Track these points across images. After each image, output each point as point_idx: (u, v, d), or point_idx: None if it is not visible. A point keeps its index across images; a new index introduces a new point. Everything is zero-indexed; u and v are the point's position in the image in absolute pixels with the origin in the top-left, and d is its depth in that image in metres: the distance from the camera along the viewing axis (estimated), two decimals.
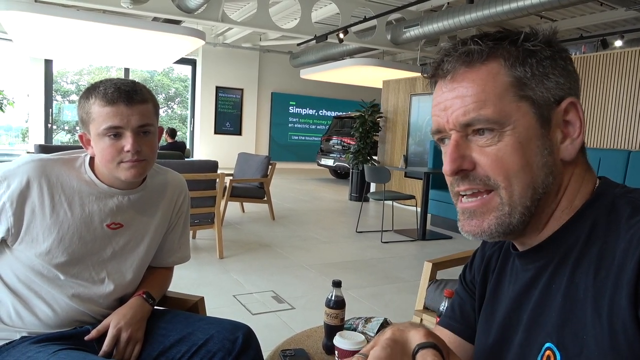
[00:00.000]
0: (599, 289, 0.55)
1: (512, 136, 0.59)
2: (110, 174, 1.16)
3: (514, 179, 0.60)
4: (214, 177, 3.90)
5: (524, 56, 0.60)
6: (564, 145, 0.62)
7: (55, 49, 8.98)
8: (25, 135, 14.26)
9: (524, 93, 0.59)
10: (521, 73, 0.59)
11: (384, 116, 7.81)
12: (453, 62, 0.61)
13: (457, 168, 0.61)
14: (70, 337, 1.16)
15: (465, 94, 0.60)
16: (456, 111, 0.61)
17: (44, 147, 5.22)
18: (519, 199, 0.60)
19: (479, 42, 0.60)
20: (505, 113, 0.59)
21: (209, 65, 12.41)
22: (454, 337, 0.82)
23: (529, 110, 0.60)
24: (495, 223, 0.62)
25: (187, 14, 7.27)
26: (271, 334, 2.47)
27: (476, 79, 0.60)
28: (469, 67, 0.61)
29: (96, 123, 1.11)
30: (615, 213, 0.59)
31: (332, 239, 4.97)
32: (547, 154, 0.61)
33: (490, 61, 0.60)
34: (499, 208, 0.61)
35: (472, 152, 0.61)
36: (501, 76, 0.60)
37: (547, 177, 0.61)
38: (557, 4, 5.51)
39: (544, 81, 0.60)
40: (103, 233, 1.19)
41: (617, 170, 4.21)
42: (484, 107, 0.59)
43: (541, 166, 0.60)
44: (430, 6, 7.82)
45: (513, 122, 0.59)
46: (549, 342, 0.60)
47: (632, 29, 8.05)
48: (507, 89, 0.59)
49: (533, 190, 0.60)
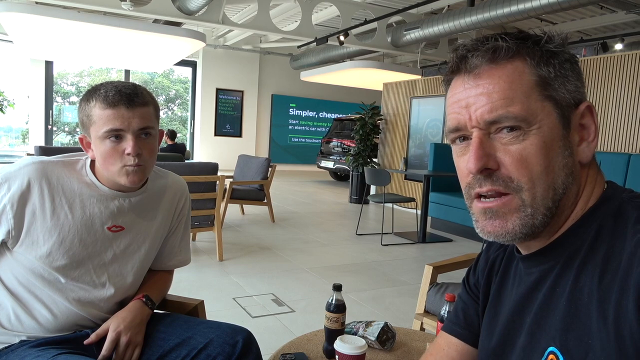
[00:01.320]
0: (604, 293, 0.55)
1: (538, 135, 0.58)
2: (110, 177, 1.16)
3: (538, 181, 0.59)
4: (214, 179, 3.90)
5: (547, 56, 0.60)
6: (581, 148, 0.62)
7: (55, 50, 8.98)
8: (25, 137, 14.26)
9: (548, 93, 0.59)
10: (545, 73, 0.59)
11: (384, 118, 7.81)
12: (479, 57, 0.60)
13: (483, 166, 0.59)
14: (70, 341, 1.15)
15: (492, 91, 0.59)
16: (481, 108, 0.59)
17: (44, 149, 5.21)
18: (541, 201, 0.59)
19: (506, 39, 0.60)
20: (532, 111, 0.58)
21: (210, 67, 12.42)
22: (459, 343, 0.81)
23: (552, 110, 0.60)
24: (519, 224, 0.60)
25: (188, 16, 7.28)
26: (271, 338, 2.46)
27: (502, 76, 0.59)
28: (495, 63, 0.60)
29: (97, 126, 1.10)
30: (622, 217, 0.58)
31: (332, 241, 4.96)
32: (567, 154, 0.60)
33: (516, 59, 0.60)
34: (521, 209, 0.60)
35: (496, 152, 0.60)
36: (527, 75, 0.59)
37: (567, 178, 0.61)
38: (557, 7, 5.52)
39: (565, 83, 0.60)
40: (104, 236, 1.19)
41: (617, 174, 4.20)
42: (512, 104, 0.58)
43: (562, 167, 0.60)
44: (431, 9, 7.83)
45: (539, 122, 0.59)
46: (552, 346, 0.59)
47: (632, 32, 8.06)
48: (533, 87, 0.59)
49: (554, 191, 0.60)
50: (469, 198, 0.64)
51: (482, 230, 0.63)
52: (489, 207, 0.61)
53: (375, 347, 1.32)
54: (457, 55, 0.62)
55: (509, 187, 0.59)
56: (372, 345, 1.31)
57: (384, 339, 1.32)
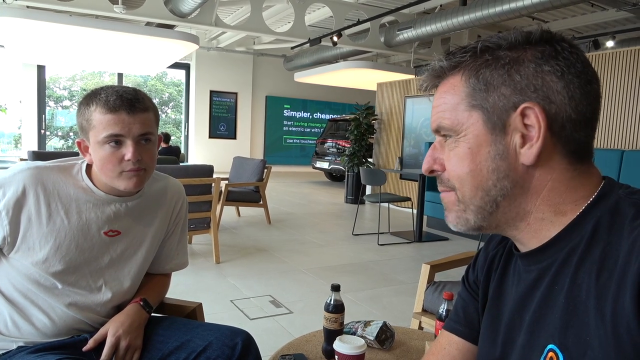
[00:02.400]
0: (601, 291, 0.55)
1: (464, 142, 0.65)
2: (108, 182, 1.15)
3: (464, 182, 0.66)
4: (209, 181, 3.89)
5: (478, 68, 0.64)
6: (523, 150, 0.62)
7: (47, 54, 8.93)
8: (18, 142, 14.16)
9: (475, 102, 0.64)
10: (474, 84, 0.64)
11: (379, 118, 7.83)
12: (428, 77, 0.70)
13: (428, 169, 0.69)
14: (68, 346, 1.15)
15: (436, 104, 0.68)
16: (431, 117, 0.70)
17: (37, 154, 5.19)
18: (469, 199, 0.66)
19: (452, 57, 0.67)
20: (458, 122, 0.65)
21: (203, 70, 12.40)
22: (460, 341, 0.82)
23: (479, 118, 0.64)
24: (455, 217, 0.69)
25: (181, 19, 7.26)
26: (269, 339, 2.46)
27: (442, 92, 0.68)
28: (440, 79, 0.68)
29: (96, 131, 1.09)
30: (619, 214, 0.59)
31: (329, 242, 4.96)
32: (498, 159, 0.63)
33: (455, 74, 0.66)
34: (456, 204, 0.68)
35: (443, 155, 0.68)
36: (458, 88, 0.66)
37: (501, 181, 0.64)
38: (548, 5, 5.55)
39: (499, 89, 0.63)
40: (100, 241, 1.18)
41: (610, 170, 4.24)
42: (444, 117, 0.67)
43: (491, 171, 0.64)
44: (423, 9, 7.85)
45: (464, 130, 0.65)
46: (551, 344, 0.60)
47: (623, 29, 8.12)
48: (463, 99, 0.65)
49: (483, 192, 0.65)
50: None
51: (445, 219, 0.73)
52: (441, 198, 0.72)
53: (374, 346, 1.32)
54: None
55: (448, 187, 0.68)
56: (371, 345, 1.31)
57: (382, 338, 1.32)
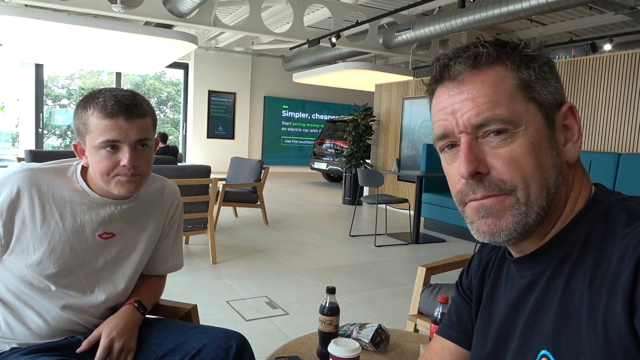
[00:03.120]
0: (594, 297, 0.55)
1: (525, 137, 0.59)
2: (104, 187, 1.14)
3: (531, 180, 0.59)
4: (206, 182, 3.89)
5: (526, 60, 0.61)
6: (567, 148, 0.63)
7: (46, 53, 8.91)
8: (15, 140, 14.12)
9: (531, 95, 0.61)
10: (526, 76, 0.61)
11: (377, 119, 7.83)
12: (461, 64, 0.62)
13: (474, 169, 0.60)
14: (61, 348, 1.14)
15: (476, 95, 0.60)
16: (467, 112, 0.60)
17: (35, 152, 5.16)
18: (535, 200, 0.60)
19: (486, 45, 0.61)
20: (517, 113, 0.59)
21: (202, 69, 12.38)
22: (453, 346, 0.82)
23: (537, 111, 0.61)
24: (512, 222, 0.61)
25: (179, 18, 7.25)
26: (265, 341, 2.46)
27: (485, 81, 0.60)
28: (477, 69, 0.61)
29: (93, 135, 1.08)
30: (611, 221, 0.59)
31: (326, 243, 4.96)
32: (555, 154, 0.62)
33: (496, 64, 0.61)
34: (515, 207, 0.60)
35: (485, 156, 0.60)
36: (509, 78, 0.61)
37: (558, 177, 0.62)
38: (547, 7, 5.57)
39: (546, 85, 0.62)
40: (95, 243, 1.18)
41: (607, 173, 4.25)
42: (498, 107, 0.59)
43: (552, 166, 0.61)
44: (422, 10, 7.87)
45: (525, 123, 0.60)
46: (544, 350, 0.60)
47: (620, 32, 8.15)
48: (516, 90, 0.60)
49: (547, 190, 0.61)
50: (462, 204, 0.64)
51: (477, 231, 0.63)
52: (482, 204, 0.61)
53: (369, 349, 1.32)
54: (440, 65, 0.64)
55: (503, 190, 0.60)
56: (366, 348, 1.31)
57: (377, 341, 1.32)
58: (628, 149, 4.50)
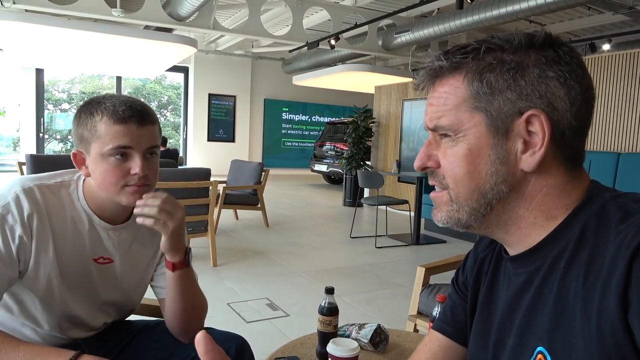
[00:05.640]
0: (588, 293, 0.56)
1: (464, 143, 0.65)
2: (109, 198, 1.08)
3: (460, 183, 0.66)
4: (206, 184, 3.90)
5: (482, 71, 0.63)
6: (525, 156, 0.63)
7: (46, 58, 8.94)
8: (16, 145, 14.15)
9: (478, 105, 0.64)
10: (477, 87, 0.64)
11: (377, 121, 7.84)
12: (425, 74, 0.69)
13: (421, 165, 0.69)
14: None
15: (433, 103, 0.68)
16: (427, 116, 0.69)
17: (36, 157, 5.17)
18: (464, 200, 0.66)
19: (451, 57, 0.66)
20: (458, 121, 0.65)
21: (202, 73, 12.41)
22: (444, 339, 0.83)
23: (481, 121, 0.64)
24: (445, 216, 0.69)
25: (179, 22, 7.27)
26: (266, 342, 2.46)
27: (442, 91, 0.67)
28: (440, 79, 0.68)
29: (102, 142, 1.02)
30: (605, 217, 0.59)
31: (327, 245, 4.96)
32: (498, 163, 0.63)
33: (454, 75, 0.66)
34: (449, 204, 0.68)
35: (438, 152, 0.68)
36: (460, 89, 0.65)
37: (499, 185, 0.64)
38: (545, 8, 5.57)
39: (504, 93, 0.62)
40: (93, 267, 1.13)
41: (607, 172, 4.25)
42: (443, 116, 0.66)
43: (490, 174, 0.64)
44: (421, 12, 7.88)
45: (464, 131, 0.64)
46: (540, 346, 0.61)
47: (619, 32, 8.15)
48: (465, 100, 0.65)
49: (479, 194, 0.65)
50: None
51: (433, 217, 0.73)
52: (431, 197, 0.72)
53: (368, 349, 1.32)
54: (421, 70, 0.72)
55: (442, 184, 0.68)
56: (365, 348, 1.32)
57: (377, 340, 1.33)
58: (628, 149, 4.50)
